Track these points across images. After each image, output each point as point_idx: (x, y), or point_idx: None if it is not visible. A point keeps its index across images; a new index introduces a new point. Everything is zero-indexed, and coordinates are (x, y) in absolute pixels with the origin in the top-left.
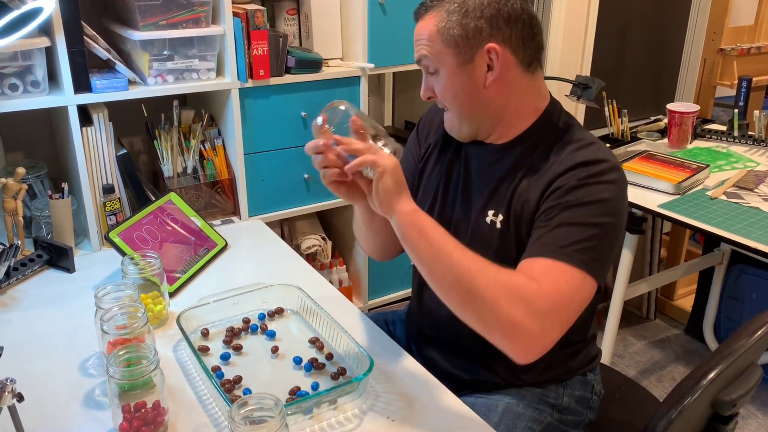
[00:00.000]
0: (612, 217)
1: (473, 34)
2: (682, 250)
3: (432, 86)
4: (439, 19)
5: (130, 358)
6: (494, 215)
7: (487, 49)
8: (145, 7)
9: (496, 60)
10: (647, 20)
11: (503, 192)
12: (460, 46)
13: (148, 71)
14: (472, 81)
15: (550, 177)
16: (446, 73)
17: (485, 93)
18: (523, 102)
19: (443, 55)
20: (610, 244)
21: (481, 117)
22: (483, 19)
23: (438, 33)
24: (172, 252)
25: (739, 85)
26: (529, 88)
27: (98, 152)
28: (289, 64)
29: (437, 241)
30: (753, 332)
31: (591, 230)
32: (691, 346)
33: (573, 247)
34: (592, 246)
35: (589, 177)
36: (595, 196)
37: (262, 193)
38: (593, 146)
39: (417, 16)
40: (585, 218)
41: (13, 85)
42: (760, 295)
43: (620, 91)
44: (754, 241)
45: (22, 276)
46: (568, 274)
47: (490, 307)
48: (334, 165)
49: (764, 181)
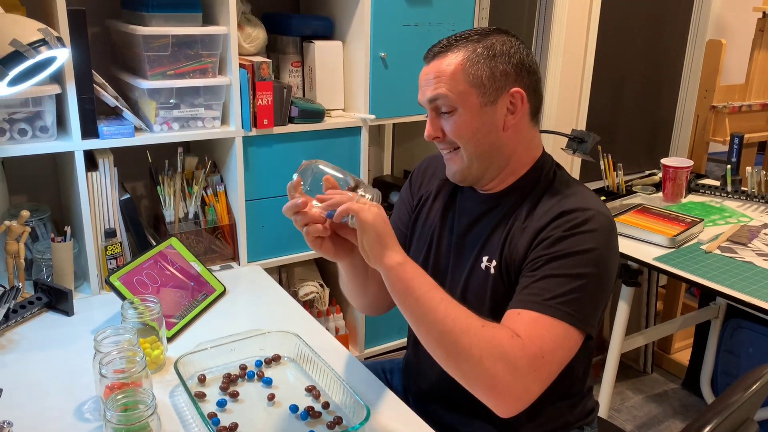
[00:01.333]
0: (597, 267)
1: (500, 76)
2: (679, 304)
3: (441, 127)
4: (465, 58)
5: (127, 402)
6: (488, 261)
7: (512, 92)
8: (154, 58)
9: (520, 104)
10: (641, 77)
11: (496, 239)
12: (486, 87)
13: (154, 119)
14: (492, 122)
15: (536, 227)
16: (465, 111)
17: (502, 136)
18: (527, 150)
19: (466, 94)
20: (596, 293)
21: (492, 160)
22: (510, 65)
23: (463, 72)
24: (171, 297)
25: (731, 141)
26: (533, 137)
27: (102, 197)
28: (293, 114)
29: (423, 296)
30: (748, 387)
31: (576, 282)
32: (688, 401)
33: (557, 299)
34: (576, 298)
35: (573, 227)
36: (579, 246)
37: (261, 239)
38: (578, 195)
39: (434, 55)
40: (570, 269)
41: (22, 130)
42: (757, 350)
43: (615, 146)
44: (749, 296)
45: (21, 318)
46: (552, 329)
47: (474, 364)
48: (315, 221)
49: (758, 236)
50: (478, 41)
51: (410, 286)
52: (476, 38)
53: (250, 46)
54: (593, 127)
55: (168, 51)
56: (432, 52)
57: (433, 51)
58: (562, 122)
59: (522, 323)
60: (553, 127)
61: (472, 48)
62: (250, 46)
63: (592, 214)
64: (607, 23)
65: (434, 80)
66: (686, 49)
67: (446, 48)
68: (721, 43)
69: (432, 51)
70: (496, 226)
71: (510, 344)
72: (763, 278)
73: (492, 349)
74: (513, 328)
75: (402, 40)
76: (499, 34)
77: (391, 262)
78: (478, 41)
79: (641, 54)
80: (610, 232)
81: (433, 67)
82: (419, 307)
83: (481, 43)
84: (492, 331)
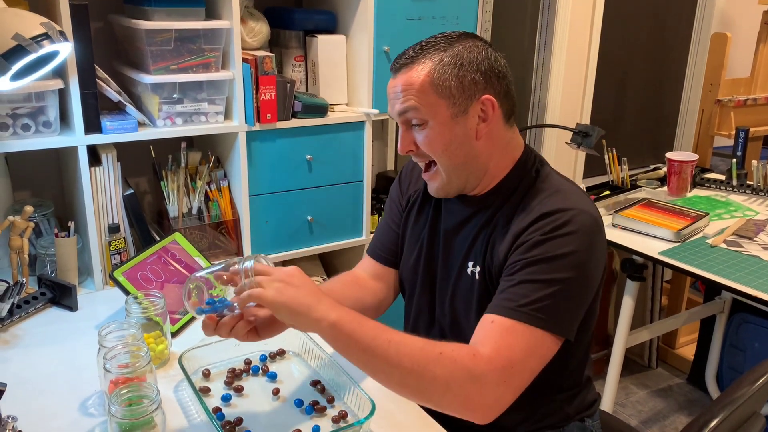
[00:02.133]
0: (575, 270)
1: (469, 85)
2: (684, 298)
3: (413, 140)
4: (432, 69)
5: (131, 397)
6: (473, 266)
7: (482, 100)
8: (157, 52)
9: (491, 111)
10: (646, 70)
11: (480, 244)
12: (455, 97)
13: (157, 113)
14: (464, 132)
15: (516, 230)
16: (436, 124)
17: (476, 145)
18: (505, 153)
19: (435, 106)
20: (574, 297)
21: (470, 169)
22: (479, 73)
23: (431, 84)
24: (175, 292)
25: (736, 135)
26: (510, 139)
27: (105, 192)
28: (296, 108)
29: (370, 346)
30: (754, 381)
31: (552, 287)
32: (693, 396)
33: (532, 306)
34: (552, 303)
35: (552, 230)
36: (558, 250)
37: (265, 235)
38: (560, 194)
39: (400, 66)
40: (546, 274)
41: (25, 125)
42: (762, 345)
43: (620, 140)
44: (755, 290)
45: (25, 314)
46: (523, 336)
47: (443, 392)
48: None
49: (763, 229)
50: (444, 50)
51: (352, 339)
52: (442, 47)
53: (253, 41)
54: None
55: (171, 45)
56: (398, 63)
57: (400, 62)
58: (566, 116)
59: (493, 332)
60: (558, 122)
61: (438, 58)
62: (253, 41)
63: (574, 214)
64: (611, 16)
65: (402, 93)
66: (691, 42)
67: (412, 59)
68: (726, 37)
69: (398, 62)
70: (480, 230)
71: (474, 362)
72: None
73: (456, 373)
74: (482, 337)
75: (405, 33)
76: (465, 39)
77: (324, 325)
78: (444, 50)
79: (646, 48)
80: (591, 233)
81: (400, 79)
82: (370, 358)
83: (447, 52)
84: (452, 355)
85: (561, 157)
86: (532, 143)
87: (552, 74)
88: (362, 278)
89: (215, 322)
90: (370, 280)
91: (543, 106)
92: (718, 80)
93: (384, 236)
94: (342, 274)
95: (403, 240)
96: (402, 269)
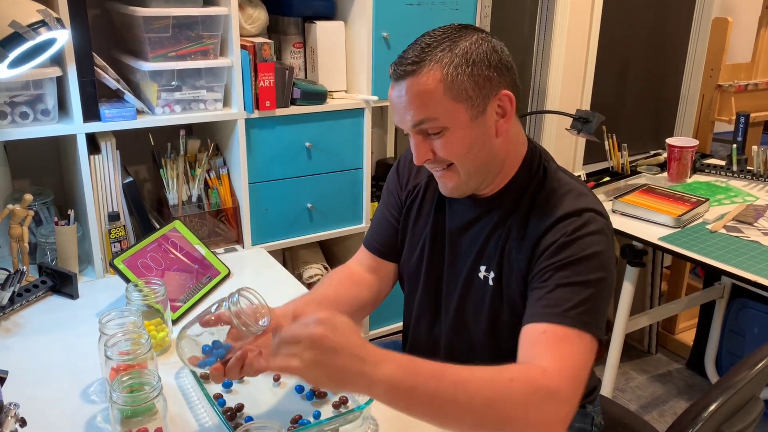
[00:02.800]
0: (604, 271)
1: (484, 83)
2: (683, 284)
3: (431, 148)
4: (444, 73)
5: (133, 384)
6: (486, 271)
7: (500, 96)
8: (155, 39)
9: (509, 106)
10: (646, 56)
11: (492, 248)
12: (473, 99)
13: (156, 101)
14: (485, 132)
15: (536, 236)
16: (457, 129)
17: (495, 143)
18: (516, 149)
19: (454, 112)
20: (606, 299)
21: (489, 169)
22: (491, 68)
23: (446, 89)
24: (176, 280)
25: (737, 120)
26: (518, 133)
27: (105, 180)
28: (295, 95)
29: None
30: (753, 365)
31: (589, 289)
32: (693, 381)
33: (577, 309)
34: (592, 306)
35: (575, 230)
36: (587, 250)
37: (265, 222)
38: (572, 194)
39: (405, 73)
40: (581, 276)
41: (23, 113)
42: (761, 330)
43: (620, 126)
44: (755, 275)
45: (26, 302)
46: (580, 342)
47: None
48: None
49: (763, 215)
50: (449, 49)
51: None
52: (447, 45)
53: (252, 27)
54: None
55: (169, 32)
56: (402, 69)
57: (403, 68)
58: (566, 102)
59: (549, 342)
60: (558, 108)
61: (448, 59)
62: (251, 27)
63: (591, 216)
64: (611, 1)
65: (414, 103)
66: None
67: (418, 64)
68: (727, 21)
69: (401, 69)
70: (491, 233)
71: (547, 379)
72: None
73: (533, 396)
74: (539, 351)
75: (404, 19)
76: (467, 34)
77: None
78: (450, 49)
79: (646, 33)
80: (609, 232)
81: (408, 87)
82: (437, 410)
83: (454, 51)
84: (523, 378)
85: (561, 143)
86: (532, 129)
87: (552, 60)
88: (357, 273)
89: (222, 370)
90: (366, 274)
91: (543, 92)
92: (718, 65)
93: (381, 228)
94: (336, 270)
95: (404, 235)
96: (403, 266)
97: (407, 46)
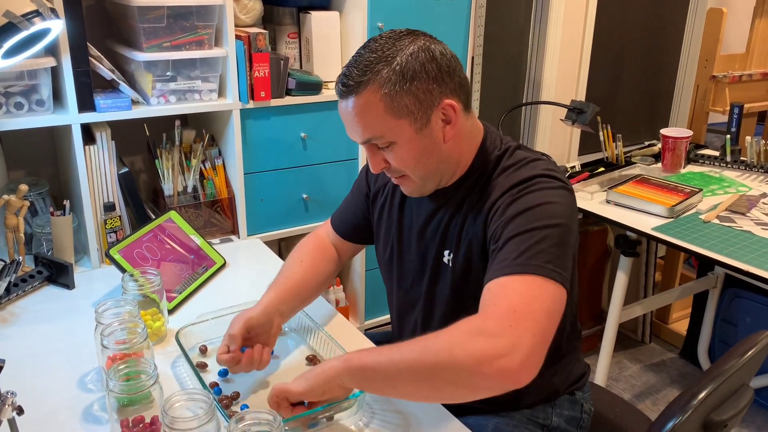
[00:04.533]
0: (558, 218)
1: (425, 96)
2: (677, 274)
3: (384, 158)
4: (383, 93)
5: (129, 372)
6: (449, 254)
7: (442, 106)
8: (149, 29)
9: (453, 113)
10: (641, 47)
11: (453, 232)
12: (415, 113)
13: (151, 91)
14: (432, 141)
15: (488, 206)
16: (403, 142)
17: (445, 148)
18: (470, 143)
19: (397, 127)
20: (562, 244)
21: (443, 169)
22: (430, 80)
23: (386, 108)
24: (171, 270)
25: (731, 111)
26: (471, 127)
27: (100, 170)
28: (290, 86)
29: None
30: (743, 353)
31: (538, 234)
32: (686, 370)
33: (523, 256)
34: (543, 249)
35: (522, 189)
36: (534, 202)
37: (260, 213)
38: (528, 165)
39: (346, 91)
40: (528, 225)
41: (18, 103)
42: (754, 319)
43: (615, 116)
44: (747, 265)
45: (22, 292)
46: (522, 285)
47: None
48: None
49: (756, 205)
50: (387, 64)
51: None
52: (384, 62)
53: (246, 17)
54: (593, 98)
55: (163, 23)
56: (344, 87)
57: (345, 87)
58: (561, 93)
59: (491, 293)
60: (553, 98)
61: (385, 77)
62: (246, 17)
63: (541, 179)
64: None
65: (359, 123)
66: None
67: (358, 84)
68: (721, 12)
69: (343, 86)
70: (451, 218)
71: (473, 320)
72: (761, 247)
73: (466, 333)
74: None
75: (400, 10)
76: (405, 45)
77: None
78: (387, 63)
79: (641, 24)
80: (566, 194)
81: (352, 107)
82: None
83: (392, 67)
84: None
85: (556, 134)
86: (527, 120)
87: (547, 51)
88: (327, 244)
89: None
90: (332, 247)
91: (538, 83)
92: (713, 56)
93: (347, 214)
94: (308, 238)
95: (377, 230)
96: (379, 261)
97: (350, 59)
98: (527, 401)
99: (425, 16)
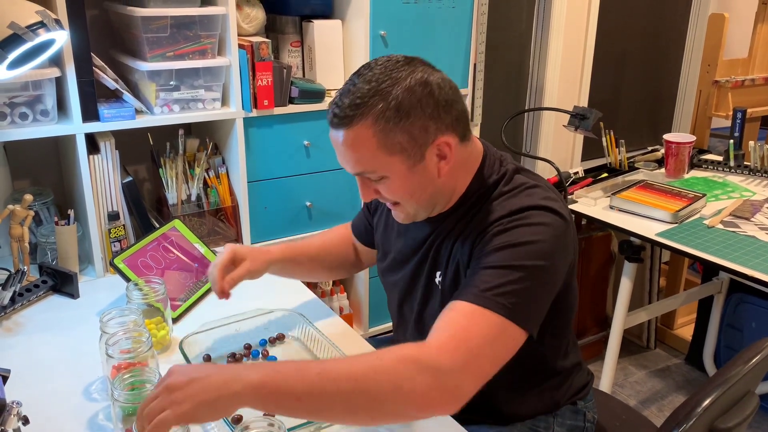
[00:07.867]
0: (542, 260)
1: (420, 133)
2: (681, 279)
3: (375, 188)
4: (375, 130)
5: (134, 381)
6: (440, 276)
7: (438, 143)
8: (153, 39)
9: (448, 150)
10: (643, 53)
11: (444, 253)
12: (408, 150)
13: (154, 101)
14: (426, 176)
15: (477, 231)
16: (396, 178)
17: (439, 182)
18: (466, 170)
19: (389, 164)
20: (538, 288)
21: (437, 200)
22: (426, 117)
23: (378, 145)
24: (175, 279)
25: (734, 116)
26: (468, 155)
27: (104, 180)
28: (293, 94)
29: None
30: (748, 360)
31: (516, 273)
32: (691, 376)
33: (494, 291)
34: (516, 290)
35: (512, 221)
36: (523, 238)
37: (264, 221)
38: (524, 192)
39: (338, 123)
40: (510, 260)
41: (23, 114)
42: (759, 324)
43: (617, 122)
44: (752, 270)
45: (27, 301)
46: (483, 320)
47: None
48: None
49: (760, 210)
50: (382, 98)
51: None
52: (379, 96)
53: (249, 27)
54: (595, 104)
55: (167, 32)
56: (336, 117)
57: (337, 118)
58: (563, 99)
59: (451, 318)
60: (556, 104)
61: (379, 111)
62: (249, 27)
63: (535, 212)
64: None
65: (350, 156)
66: (689, 23)
67: (350, 117)
68: (723, 17)
69: (335, 117)
70: (443, 240)
71: (421, 351)
72: (765, 252)
73: (403, 369)
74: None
75: (402, 17)
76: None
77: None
78: (383, 98)
79: (643, 29)
80: (556, 226)
81: (344, 138)
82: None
83: (387, 101)
84: (394, 354)
85: (559, 140)
86: (529, 126)
87: (550, 57)
88: (349, 234)
89: None
90: (351, 237)
91: (541, 89)
92: (715, 61)
93: (360, 216)
94: (340, 227)
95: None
96: (379, 275)
97: (343, 86)
98: (528, 413)
99: (427, 24)
